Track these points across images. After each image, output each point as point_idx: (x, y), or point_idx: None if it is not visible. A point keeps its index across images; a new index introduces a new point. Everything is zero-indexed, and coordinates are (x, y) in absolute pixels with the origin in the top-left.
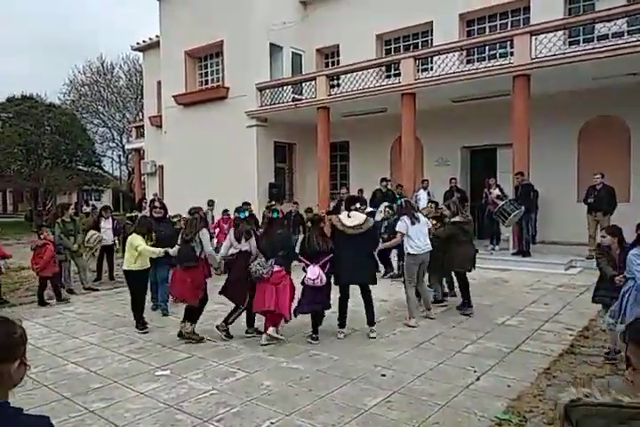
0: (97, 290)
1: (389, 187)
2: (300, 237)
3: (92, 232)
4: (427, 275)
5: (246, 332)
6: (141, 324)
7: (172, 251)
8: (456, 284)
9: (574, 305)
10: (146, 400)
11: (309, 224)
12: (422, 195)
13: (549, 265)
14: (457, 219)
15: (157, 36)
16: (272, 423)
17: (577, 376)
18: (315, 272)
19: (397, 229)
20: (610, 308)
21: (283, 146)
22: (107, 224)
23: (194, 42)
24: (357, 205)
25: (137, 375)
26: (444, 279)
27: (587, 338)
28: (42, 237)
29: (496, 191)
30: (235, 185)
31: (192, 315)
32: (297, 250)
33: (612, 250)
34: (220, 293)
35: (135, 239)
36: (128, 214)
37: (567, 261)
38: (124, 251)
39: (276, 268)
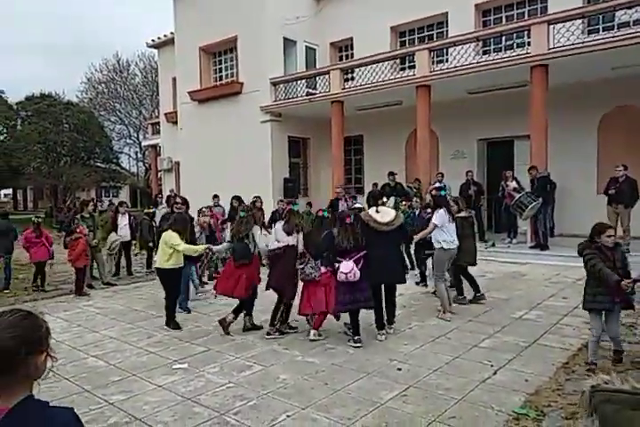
0: (115, 285)
1: (397, 180)
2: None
3: (113, 237)
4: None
5: (281, 328)
6: (174, 323)
7: (217, 248)
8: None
9: None
10: (164, 393)
11: (337, 221)
12: None
13: (568, 258)
14: (462, 214)
15: (172, 33)
16: (288, 416)
17: (593, 369)
18: (348, 266)
19: (435, 221)
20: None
21: (297, 141)
22: (123, 220)
23: (208, 38)
24: (384, 200)
25: (155, 369)
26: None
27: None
28: (77, 230)
29: (513, 184)
30: (250, 180)
31: (248, 308)
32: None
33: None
34: (268, 288)
35: (172, 238)
36: (146, 210)
37: None
38: (141, 247)
39: (323, 269)
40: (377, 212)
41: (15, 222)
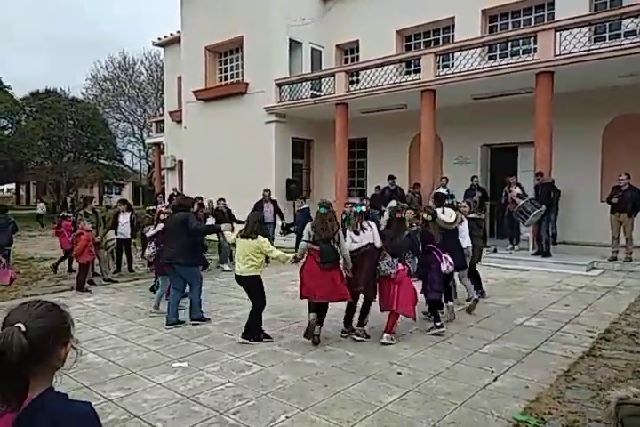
0: (116, 282)
1: (397, 184)
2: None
3: (110, 235)
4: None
5: (343, 332)
6: (264, 335)
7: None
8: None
9: (595, 307)
10: (163, 391)
11: (425, 218)
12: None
13: (570, 266)
14: (473, 216)
15: (178, 32)
16: (287, 417)
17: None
18: (449, 259)
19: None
20: None
21: (301, 142)
22: (124, 218)
23: (214, 37)
24: (447, 201)
25: (155, 366)
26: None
27: (608, 341)
28: (79, 226)
29: (516, 190)
30: (253, 180)
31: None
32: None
33: None
34: (350, 288)
35: (267, 244)
36: (148, 208)
37: (589, 262)
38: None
39: (400, 266)
40: (443, 213)
41: (17, 218)
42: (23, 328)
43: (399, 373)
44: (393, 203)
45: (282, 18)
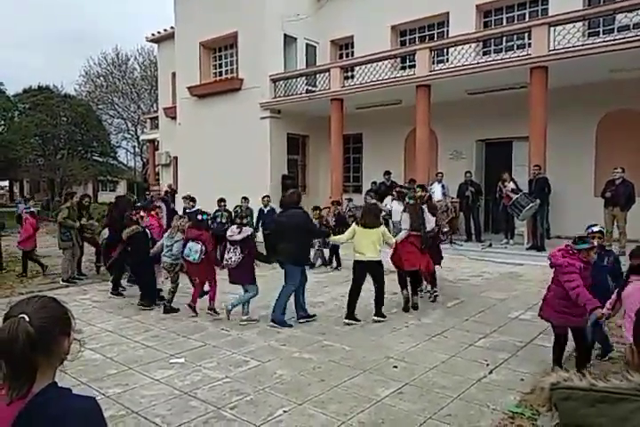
0: (75, 283)
1: (393, 179)
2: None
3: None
4: None
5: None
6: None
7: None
8: None
9: None
10: (161, 387)
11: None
12: (436, 188)
13: None
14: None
15: (172, 28)
16: (285, 412)
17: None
18: None
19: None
20: None
21: (296, 138)
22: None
23: (208, 33)
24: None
25: (152, 362)
26: None
27: None
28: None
29: (511, 185)
30: (248, 176)
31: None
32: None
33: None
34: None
35: (385, 231)
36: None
37: None
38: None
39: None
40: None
41: (10, 215)
42: (27, 318)
43: (395, 366)
44: (389, 199)
45: (276, 13)
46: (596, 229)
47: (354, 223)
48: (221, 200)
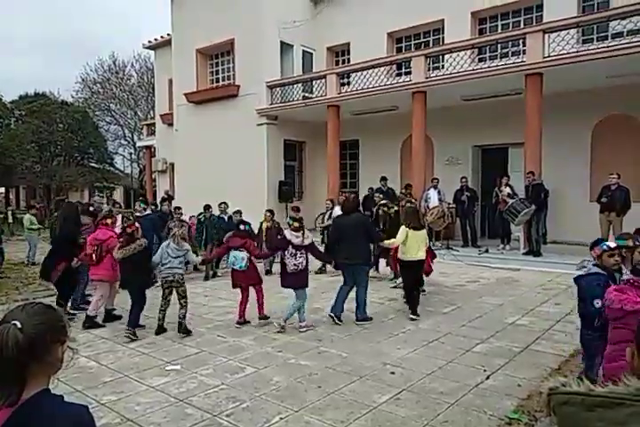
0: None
1: (389, 185)
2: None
3: None
4: None
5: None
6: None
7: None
8: None
9: None
10: (156, 394)
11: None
12: (432, 194)
13: (561, 265)
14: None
15: (169, 35)
16: (281, 419)
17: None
18: None
19: None
20: None
21: (292, 144)
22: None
23: (205, 40)
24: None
25: (147, 370)
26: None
27: None
28: None
29: (507, 190)
30: (245, 183)
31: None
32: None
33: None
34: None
35: (426, 233)
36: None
37: (579, 261)
38: None
39: None
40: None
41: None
42: (19, 325)
43: (392, 373)
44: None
45: (273, 20)
46: (612, 244)
47: (402, 226)
48: (207, 207)
